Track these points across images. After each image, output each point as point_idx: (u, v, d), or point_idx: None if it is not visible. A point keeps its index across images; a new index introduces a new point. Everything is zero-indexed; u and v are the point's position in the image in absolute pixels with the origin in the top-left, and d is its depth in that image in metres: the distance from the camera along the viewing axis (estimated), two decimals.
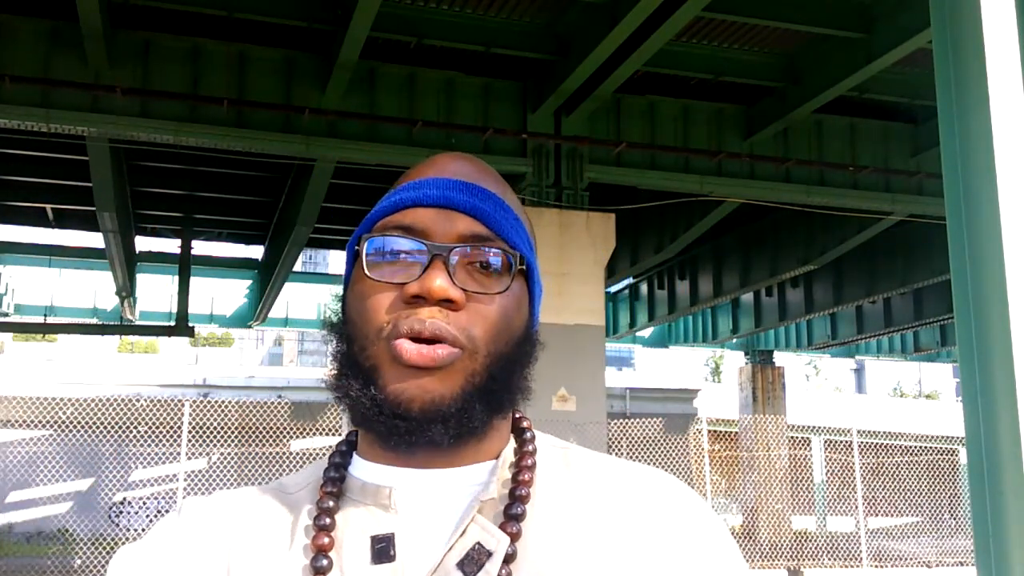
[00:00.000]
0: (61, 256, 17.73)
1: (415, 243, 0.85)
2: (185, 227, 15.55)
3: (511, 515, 0.83)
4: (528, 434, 0.92)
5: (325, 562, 0.83)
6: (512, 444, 0.91)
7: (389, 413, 0.83)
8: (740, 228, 14.38)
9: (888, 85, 10.20)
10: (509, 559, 0.81)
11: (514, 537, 0.82)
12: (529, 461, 0.88)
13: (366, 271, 0.86)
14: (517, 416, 0.94)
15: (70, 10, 7.94)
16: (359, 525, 0.85)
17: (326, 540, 0.84)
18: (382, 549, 0.83)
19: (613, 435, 16.66)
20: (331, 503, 0.87)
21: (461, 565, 0.80)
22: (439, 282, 0.82)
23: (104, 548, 16.51)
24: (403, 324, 0.83)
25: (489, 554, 0.81)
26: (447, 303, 0.83)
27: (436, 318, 0.83)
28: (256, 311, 18.11)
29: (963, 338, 2.95)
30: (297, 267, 17.07)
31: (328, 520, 0.85)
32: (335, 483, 0.89)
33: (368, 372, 0.84)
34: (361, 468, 0.90)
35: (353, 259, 0.90)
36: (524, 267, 0.89)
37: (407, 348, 0.82)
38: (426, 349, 0.82)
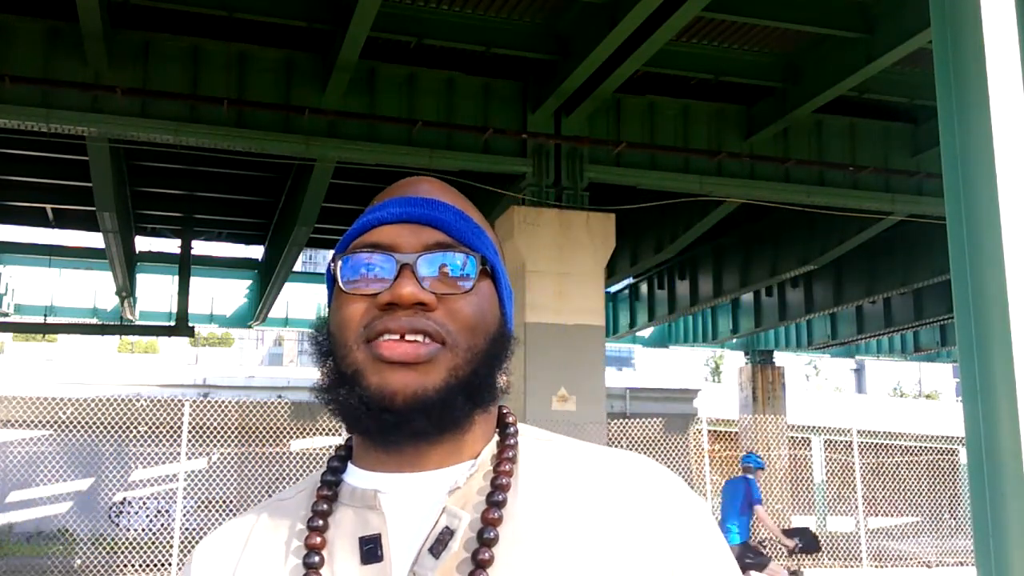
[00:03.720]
0: (61, 256, 17.71)
1: (383, 256, 0.91)
2: (185, 227, 15.54)
3: (492, 502, 0.87)
4: (511, 428, 0.96)
5: (316, 559, 0.88)
6: (494, 440, 0.95)
7: (376, 408, 0.87)
8: (740, 228, 14.37)
9: (888, 85, 10.20)
10: (491, 543, 0.85)
11: (495, 523, 0.86)
12: (510, 453, 0.92)
13: (342, 287, 0.92)
14: (503, 411, 0.99)
15: (70, 10, 7.94)
16: (348, 528, 0.90)
17: (318, 539, 0.89)
18: (370, 550, 0.87)
19: (613, 435, 16.64)
20: (325, 506, 0.92)
21: (432, 549, 0.85)
22: (409, 288, 0.88)
23: (104, 548, 16.52)
24: (378, 324, 0.88)
25: (452, 533, 0.85)
26: (420, 307, 0.88)
27: (414, 318, 0.88)
28: (256, 311, 18.11)
29: (963, 338, 2.95)
30: (297, 267, 17.05)
31: (321, 522, 0.91)
32: (330, 487, 0.94)
33: (351, 377, 0.89)
34: (354, 475, 0.95)
35: (332, 281, 0.96)
36: (488, 268, 0.94)
37: (387, 344, 0.87)
38: (407, 345, 0.87)
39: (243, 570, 0.92)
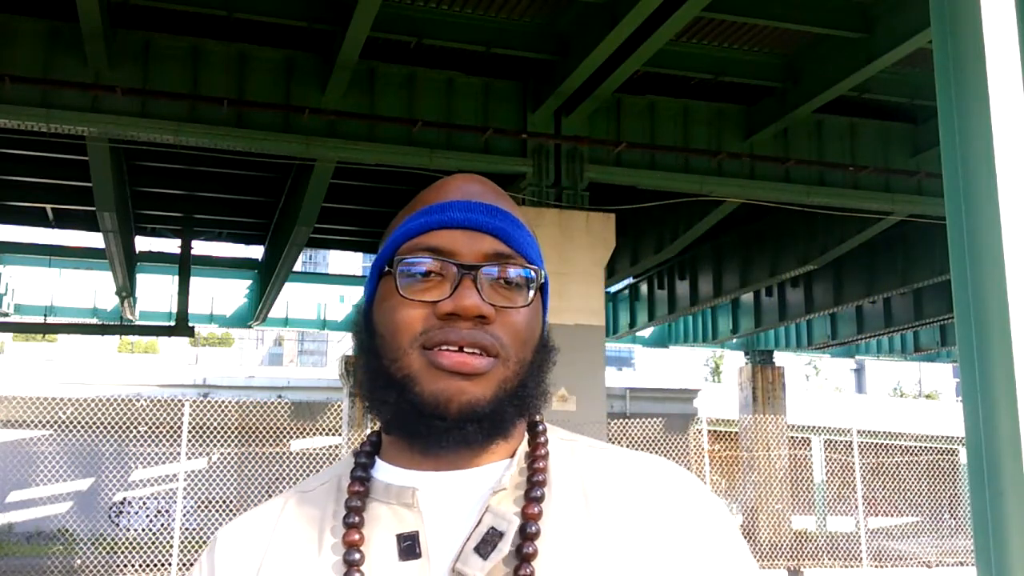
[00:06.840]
0: (61, 256, 17.70)
1: (445, 263, 0.91)
2: (185, 227, 15.54)
3: (532, 497, 0.89)
4: (540, 427, 0.98)
5: (357, 556, 0.88)
6: (525, 440, 0.97)
7: (429, 414, 0.89)
8: (740, 228, 14.37)
9: (888, 85, 10.20)
10: (533, 536, 0.87)
11: (535, 517, 0.88)
12: (543, 451, 0.94)
13: (399, 291, 0.91)
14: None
15: (70, 10, 7.94)
16: (385, 524, 0.91)
17: (356, 536, 0.89)
18: (408, 547, 0.88)
19: (613, 435, 16.65)
20: (359, 502, 0.92)
21: (478, 549, 0.86)
22: (472, 300, 0.89)
23: (104, 548, 16.51)
24: (438, 334, 0.89)
25: (501, 535, 0.86)
26: (480, 319, 0.89)
27: (474, 331, 0.89)
28: (256, 311, 18.11)
29: (963, 338, 2.95)
30: (297, 267, 17.06)
31: (357, 518, 0.91)
32: (363, 482, 0.94)
33: (402, 381, 0.90)
34: (384, 471, 0.96)
35: (377, 278, 0.96)
36: (541, 280, 0.96)
37: (446, 354, 0.88)
38: (467, 358, 0.88)
39: (272, 559, 0.92)
